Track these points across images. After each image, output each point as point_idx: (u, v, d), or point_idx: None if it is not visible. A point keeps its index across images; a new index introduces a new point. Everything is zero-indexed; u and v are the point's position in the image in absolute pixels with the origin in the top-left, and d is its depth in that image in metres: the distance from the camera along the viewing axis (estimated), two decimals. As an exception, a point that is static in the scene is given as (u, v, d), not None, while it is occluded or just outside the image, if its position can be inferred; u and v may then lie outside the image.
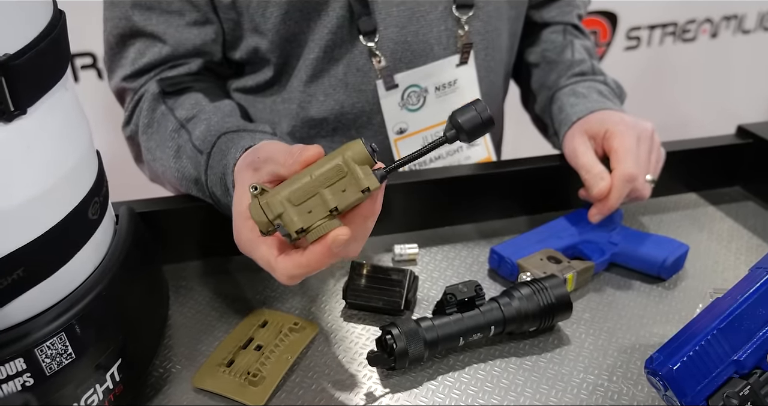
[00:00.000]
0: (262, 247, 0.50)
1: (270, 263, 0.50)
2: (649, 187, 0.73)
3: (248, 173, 0.54)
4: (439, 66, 0.80)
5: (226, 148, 0.63)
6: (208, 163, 0.65)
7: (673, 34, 1.84)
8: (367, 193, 0.47)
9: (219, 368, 0.58)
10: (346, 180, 0.47)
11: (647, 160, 0.73)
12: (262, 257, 0.51)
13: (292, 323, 0.63)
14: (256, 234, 0.51)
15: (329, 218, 0.47)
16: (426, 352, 0.58)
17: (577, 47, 0.88)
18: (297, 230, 0.47)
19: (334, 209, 0.47)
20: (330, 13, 0.73)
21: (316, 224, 0.47)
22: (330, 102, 0.79)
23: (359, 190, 0.47)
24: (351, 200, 0.47)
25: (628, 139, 0.71)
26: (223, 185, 0.62)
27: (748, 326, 0.52)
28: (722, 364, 0.51)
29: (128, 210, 0.62)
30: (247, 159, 0.57)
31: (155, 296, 0.64)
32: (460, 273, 0.73)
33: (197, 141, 0.67)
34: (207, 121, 0.69)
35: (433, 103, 0.81)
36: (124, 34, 0.75)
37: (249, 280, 0.72)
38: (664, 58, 1.86)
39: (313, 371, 0.60)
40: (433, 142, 0.49)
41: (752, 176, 0.87)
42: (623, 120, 0.73)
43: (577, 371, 0.60)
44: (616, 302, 0.69)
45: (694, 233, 0.79)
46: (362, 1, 0.74)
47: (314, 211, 0.47)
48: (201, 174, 0.66)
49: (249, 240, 0.52)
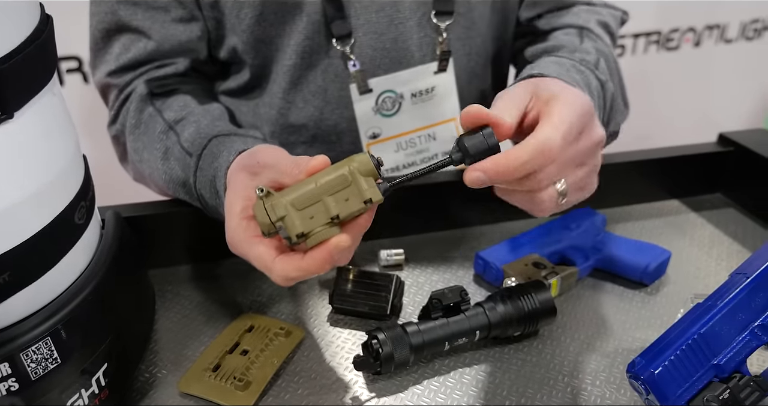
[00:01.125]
0: (260, 247, 0.50)
1: (267, 263, 0.50)
2: (552, 201, 0.52)
3: (243, 176, 0.55)
4: (416, 73, 0.80)
5: (217, 151, 0.63)
6: (197, 165, 0.65)
7: (657, 43, 1.86)
8: (369, 205, 0.48)
9: (205, 372, 0.58)
10: (350, 190, 0.48)
11: (575, 161, 0.53)
12: (258, 256, 0.50)
13: (278, 327, 0.63)
14: (251, 234, 0.51)
15: (330, 225, 0.48)
16: (412, 356, 0.59)
17: (587, 46, 0.73)
18: (297, 234, 0.48)
19: (336, 216, 0.48)
20: (304, 17, 0.74)
21: (317, 229, 0.48)
22: (309, 109, 0.80)
23: (362, 200, 0.48)
24: (353, 210, 0.48)
25: (572, 116, 0.50)
26: (213, 188, 0.62)
27: (727, 330, 0.53)
28: (702, 368, 0.52)
29: (114, 214, 0.62)
30: (242, 162, 0.57)
31: (141, 300, 0.64)
32: (446, 278, 0.74)
33: (186, 143, 0.68)
34: (196, 123, 0.69)
35: (408, 109, 0.81)
36: (110, 29, 0.75)
37: (236, 285, 0.72)
38: (648, 66, 1.88)
39: (299, 375, 0.60)
40: (438, 163, 0.50)
41: (733, 184, 0.89)
42: (583, 103, 0.52)
43: (561, 375, 0.60)
44: (600, 307, 0.69)
45: (676, 240, 0.80)
46: (336, 4, 0.74)
47: (316, 217, 0.48)
48: (189, 176, 0.66)
49: (243, 240, 0.51)
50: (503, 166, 0.48)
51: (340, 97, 0.79)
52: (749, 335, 0.53)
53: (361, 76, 0.78)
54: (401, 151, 0.83)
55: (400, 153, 0.83)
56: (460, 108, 0.84)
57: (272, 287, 0.71)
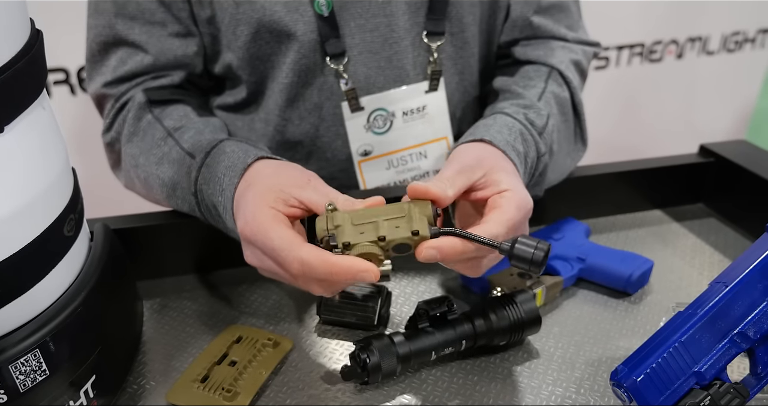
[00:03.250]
0: (288, 230, 0.54)
1: (292, 243, 0.52)
2: (483, 269, 0.58)
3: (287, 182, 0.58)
4: (407, 91, 0.81)
5: (230, 150, 0.64)
6: (204, 161, 0.65)
7: (641, 55, 1.89)
8: (416, 237, 0.52)
9: (193, 383, 0.58)
10: (404, 220, 0.53)
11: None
12: (284, 236, 0.53)
13: (266, 338, 0.64)
14: (279, 221, 0.54)
15: (374, 243, 0.52)
16: (399, 366, 0.59)
17: (543, 103, 0.75)
18: (344, 243, 0.52)
19: (382, 237, 0.52)
20: (299, 36, 0.75)
21: (362, 243, 0.52)
22: (305, 126, 0.81)
23: (410, 230, 0.52)
24: (399, 236, 0.52)
25: (518, 216, 0.57)
26: (219, 185, 0.62)
27: (707, 338, 0.54)
28: (684, 375, 0.53)
29: (103, 227, 0.63)
30: (287, 171, 0.61)
31: (129, 312, 0.64)
32: (433, 289, 0.74)
33: (186, 144, 0.68)
34: (196, 129, 0.71)
35: (400, 127, 0.82)
36: (107, 42, 0.76)
37: (224, 296, 0.72)
38: (632, 78, 1.91)
39: (287, 386, 0.60)
40: (491, 241, 0.53)
41: (714, 194, 0.90)
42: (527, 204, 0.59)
43: (546, 384, 0.61)
44: (584, 316, 0.70)
45: (658, 249, 0.82)
46: (331, 24, 0.75)
47: (365, 233, 0.52)
48: (192, 172, 0.66)
49: (270, 222, 0.54)
50: (458, 251, 0.53)
51: (334, 114, 0.80)
52: (729, 343, 0.54)
53: (352, 94, 0.79)
54: (392, 169, 0.84)
55: (391, 171, 0.84)
56: (451, 126, 0.85)
57: (260, 299, 0.72)
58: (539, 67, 0.82)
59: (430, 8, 0.78)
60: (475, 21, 0.82)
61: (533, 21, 0.83)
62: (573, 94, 0.81)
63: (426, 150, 0.84)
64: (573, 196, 0.82)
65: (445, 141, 0.85)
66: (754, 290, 0.55)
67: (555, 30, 0.85)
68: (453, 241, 0.53)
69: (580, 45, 0.87)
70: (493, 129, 0.67)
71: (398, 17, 0.77)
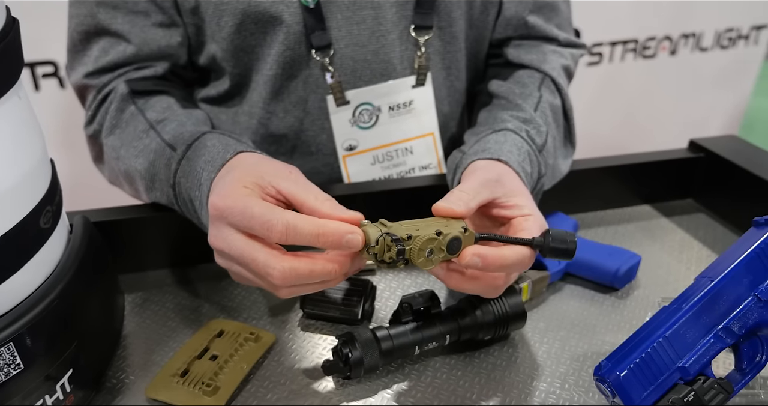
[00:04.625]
0: (264, 202, 0.52)
1: (276, 208, 0.51)
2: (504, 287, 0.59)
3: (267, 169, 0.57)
4: (394, 86, 0.80)
5: (211, 144, 0.63)
6: (185, 154, 0.64)
7: (634, 51, 1.88)
8: (466, 234, 0.55)
9: (173, 378, 0.58)
10: (447, 224, 0.55)
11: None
12: (265, 204, 0.52)
13: (248, 332, 0.63)
14: (256, 196, 0.53)
15: (433, 238, 0.53)
16: (381, 361, 0.59)
17: (540, 114, 0.76)
18: (408, 234, 0.52)
19: (438, 232, 0.53)
20: (284, 28, 0.74)
21: (423, 234, 0.53)
22: (290, 119, 0.80)
23: (461, 227, 0.55)
24: (453, 232, 0.54)
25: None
26: (197, 178, 0.61)
27: (692, 333, 0.54)
28: (668, 371, 0.53)
29: (83, 219, 0.62)
30: (265, 162, 0.59)
31: (109, 305, 0.63)
32: (419, 283, 0.74)
33: (167, 136, 0.67)
34: (179, 122, 0.70)
35: (386, 122, 0.81)
36: (89, 32, 0.75)
37: (207, 290, 0.72)
38: (625, 74, 1.91)
39: (268, 380, 0.60)
40: (520, 239, 0.56)
41: (704, 189, 0.90)
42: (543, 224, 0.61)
43: (530, 379, 0.61)
44: (570, 311, 0.70)
45: (646, 244, 0.81)
46: (317, 15, 0.74)
47: (421, 230, 0.54)
48: (171, 164, 0.65)
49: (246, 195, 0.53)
50: (499, 260, 0.54)
51: (320, 108, 0.79)
52: (713, 338, 0.54)
53: (337, 88, 0.78)
54: (378, 164, 0.83)
55: (376, 166, 0.83)
56: (438, 122, 0.84)
57: (243, 293, 0.71)
58: (532, 72, 0.83)
59: (418, 2, 0.77)
60: (463, 15, 0.81)
61: (528, 20, 0.83)
62: (564, 100, 0.82)
63: (412, 146, 0.83)
64: (561, 190, 0.81)
65: (431, 137, 0.84)
66: (739, 284, 0.55)
67: (547, 30, 0.85)
68: (495, 251, 0.54)
69: (569, 48, 0.87)
70: (505, 148, 0.67)
71: (386, 10, 0.77)
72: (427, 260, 0.53)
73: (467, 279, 0.56)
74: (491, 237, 0.56)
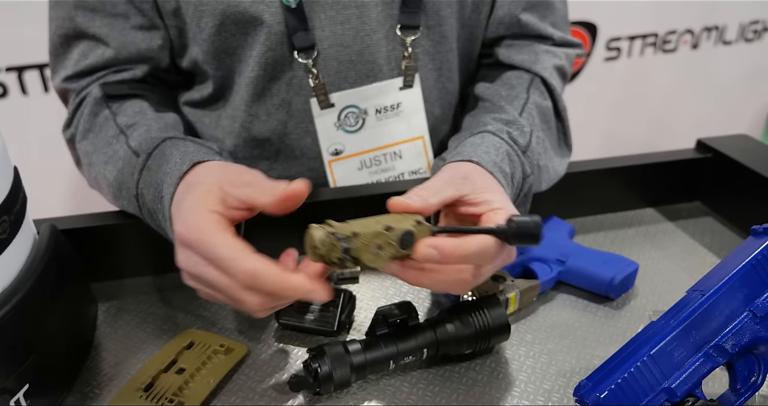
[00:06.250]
0: (232, 239, 0.50)
1: (242, 252, 0.49)
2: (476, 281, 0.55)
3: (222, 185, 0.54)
4: (380, 88, 0.77)
5: (169, 153, 0.61)
6: (145, 163, 0.62)
7: (654, 45, 1.83)
8: (420, 226, 0.51)
9: (137, 392, 0.56)
10: (401, 218, 0.51)
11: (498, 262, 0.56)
12: (230, 244, 0.49)
13: (218, 344, 0.61)
14: (221, 227, 0.51)
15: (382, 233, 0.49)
16: (353, 376, 0.56)
17: (525, 118, 0.73)
18: (353, 232, 0.49)
19: (388, 227, 0.50)
20: (265, 28, 0.71)
21: (371, 230, 0.49)
22: (272, 122, 0.77)
23: (415, 221, 0.51)
24: (404, 226, 0.50)
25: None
26: (158, 191, 0.59)
27: (680, 351, 0.50)
28: (652, 392, 0.49)
29: (50, 228, 0.60)
30: (221, 173, 0.56)
31: (77, 316, 0.62)
32: (403, 292, 0.71)
33: (133, 143, 0.66)
34: (147, 126, 0.68)
35: (373, 125, 0.78)
36: (68, 35, 0.74)
37: (183, 299, 0.69)
38: (644, 69, 1.85)
39: (236, 395, 0.57)
40: (484, 228, 0.52)
41: (712, 192, 0.85)
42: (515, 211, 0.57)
43: (512, 396, 0.57)
44: (561, 323, 0.66)
45: (647, 250, 0.77)
46: (299, 15, 0.72)
47: (370, 227, 0.50)
48: (134, 173, 0.63)
49: (212, 229, 0.50)
50: (458, 250, 0.50)
51: (304, 111, 0.77)
52: (703, 357, 0.50)
53: (321, 90, 0.75)
54: (365, 169, 0.80)
55: (364, 171, 0.80)
56: (427, 125, 0.81)
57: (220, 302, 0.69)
58: (521, 73, 0.79)
59: (404, 1, 0.74)
60: (453, 14, 0.77)
61: (521, 18, 0.80)
62: (556, 101, 0.78)
63: (401, 150, 0.80)
64: (558, 193, 0.77)
65: (421, 141, 0.81)
66: (733, 299, 0.51)
67: (542, 28, 0.82)
68: (454, 241, 0.50)
69: (563, 48, 0.84)
70: (480, 149, 0.64)
71: (370, 9, 0.74)
72: (376, 257, 0.50)
73: (424, 273, 0.52)
74: (449, 229, 0.53)
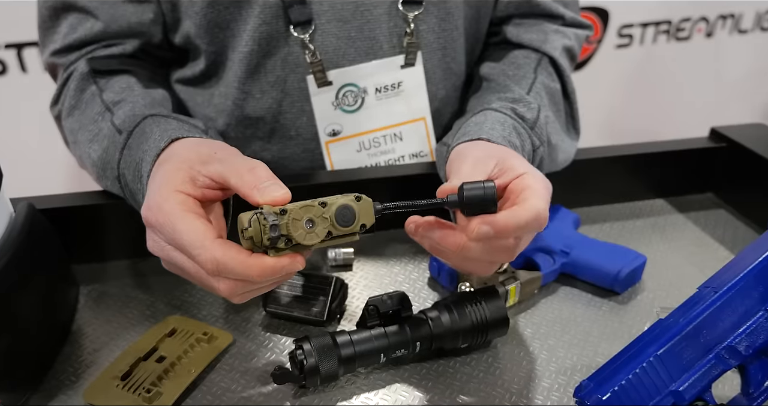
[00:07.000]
0: (196, 221, 0.47)
1: (201, 239, 0.46)
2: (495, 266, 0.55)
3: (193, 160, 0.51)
4: (380, 65, 0.73)
5: (149, 131, 0.58)
6: (126, 142, 0.60)
7: (667, 33, 1.78)
8: (360, 202, 0.48)
9: (113, 381, 0.53)
10: (341, 196, 0.48)
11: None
12: (192, 230, 0.46)
13: (201, 332, 0.58)
14: (187, 208, 0.48)
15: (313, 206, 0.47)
16: (341, 369, 0.53)
17: (533, 96, 0.70)
18: (281, 209, 0.45)
19: (323, 202, 0.47)
20: (260, 1, 0.68)
21: (300, 205, 0.46)
22: (267, 100, 0.74)
23: (354, 196, 0.48)
24: (340, 202, 0.47)
25: (544, 187, 0.53)
26: (137, 170, 0.57)
27: (690, 352, 0.47)
28: (658, 394, 0.46)
29: (27, 206, 0.57)
30: (194, 146, 0.53)
31: (54, 300, 0.59)
32: (399, 281, 0.68)
33: (118, 120, 0.63)
34: (133, 103, 0.65)
35: (372, 105, 0.75)
36: (57, 8, 0.71)
37: (169, 284, 0.66)
38: (656, 57, 1.80)
39: (218, 386, 0.55)
40: (433, 201, 0.50)
41: (725, 183, 0.81)
42: (546, 183, 0.55)
43: (509, 394, 0.54)
44: (563, 317, 0.63)
45: (655, 243, 0.74)
46: None
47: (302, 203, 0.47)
48: (115, 153, 0.60)
49: (176, 211, 0.47)
50: (512, 224, 0.48)
51: (300, 89, 0.73)
52: (714, 359, 0.47)
53: (318, 67, 0.72)
54: (364, 152, 0.77)
55: (362, 153, 0.77)
56: (430, 107, 0.77)
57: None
58: (529, 53, 0.76)
59: None
60: None
61: None
62: (566, 83, 0.75)
63: (402, 131, 0.77)
64: (563, 181, 0.73)
65: (422, 122, 0.77)
66: (748, 297, 0.48)
67: (553, 7, 0.78)
68: (504, 214, 0.48)
69: (573, 28, 0.80)
70: (485, 126, 0.62)
71: None
72: (309, 233, 0.46)
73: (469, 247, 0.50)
74: (399, 206, 0.50)
